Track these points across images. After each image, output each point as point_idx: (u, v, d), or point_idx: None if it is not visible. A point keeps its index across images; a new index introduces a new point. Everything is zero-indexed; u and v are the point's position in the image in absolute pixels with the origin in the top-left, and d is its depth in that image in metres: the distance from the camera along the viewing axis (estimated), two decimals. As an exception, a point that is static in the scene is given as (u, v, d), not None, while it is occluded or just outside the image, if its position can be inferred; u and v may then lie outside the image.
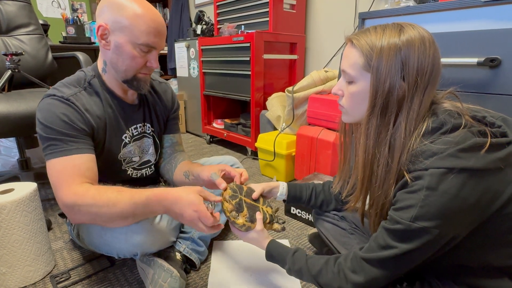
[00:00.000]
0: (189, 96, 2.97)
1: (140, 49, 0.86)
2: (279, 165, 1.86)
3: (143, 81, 0.93)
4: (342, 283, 0.64)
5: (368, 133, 0.63)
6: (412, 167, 0.57)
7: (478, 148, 0.53)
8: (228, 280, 1.03)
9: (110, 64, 0.91)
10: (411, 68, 0.57)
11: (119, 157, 1.00)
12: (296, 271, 0.74)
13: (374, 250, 0.61)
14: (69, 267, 1.10)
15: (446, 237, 0.55)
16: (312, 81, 1.80)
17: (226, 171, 0.96)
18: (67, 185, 0.80)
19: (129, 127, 1.01)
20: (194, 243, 1.08)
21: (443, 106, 0.60)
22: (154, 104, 1.09)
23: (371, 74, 0.60)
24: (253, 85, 2.09)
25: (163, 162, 1.16)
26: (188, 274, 1.06)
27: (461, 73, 1.00)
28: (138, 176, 1.08)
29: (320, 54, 2.30)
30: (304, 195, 0.97)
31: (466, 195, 0.52)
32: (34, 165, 1.91)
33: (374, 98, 0.61)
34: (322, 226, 0.99)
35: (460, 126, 0.56)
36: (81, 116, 0.87)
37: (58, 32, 3.47)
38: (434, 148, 0.54)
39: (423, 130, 0.58)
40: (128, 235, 0.86)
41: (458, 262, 0.62)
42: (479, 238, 0.57)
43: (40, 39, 1.69)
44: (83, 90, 0.91)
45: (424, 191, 0.53)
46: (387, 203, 0.63)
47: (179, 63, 2.98)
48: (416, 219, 0.54)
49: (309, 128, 1.71)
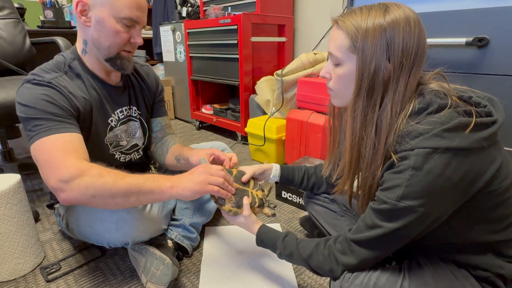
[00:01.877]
0: (176, 81, 2.91)
1: (123, 23, 0.84)
2: (270, 149, 1.86)
3: (126, 60, 0.91)
4: (333, 265, 0.66)
5: (355, 115, 0.64)
6: (399, 148, 0.58)
7: (462, 127, 0.54)
8: (221, 265, 1.05)
9: (91, 42, 0.88)
10: (396, 49, 0.57)
11: (106, 140, 0.98)
12: (287, 255, 0.75)
13: (362, 231, 0.62)
14: (59, 258, 1.09)
15: (432, 216, 0.56)
16: (301, 64, 1.79)
17: (215, 155, 0.95)
18: (63, 159, 0.74)
19: (115, 110, 0.99)
20: (186, 230, 1.08)
21: (429, 87, 0.60)
22: (139, 87, 1.07)
23: (357, 56, 0.60)
24: (241, 69, 2.06)
25: (155, 147, 1.15)
26: (180, 261, 1.07)
27: (449, 54, 1.00)
28: (126, 160, 1.07)
29: (309, 36, 2.27)
30: (297, 177, 0.98)
31: (450, 174, 0.53)
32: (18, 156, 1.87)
33: (360, 80, 0.61)
34: (313, 209, 1.00)
35: (446, 106, 0.56)
36: (66, 98, 0.84)
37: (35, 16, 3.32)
38: (420, 129, 0.55)
39: (409, 111, 0.58)
40: (118, 224, 0.85)
41: (444, 240, 0.63)
42: (464, 216, 0.59)
43: (16, 23, 1.61)
44: (63, 74, 0.88)
45: (410, 171, 0.54)
46: (374, 184, 0.64)
47: (165, 47, 2.91)
48: (402, 198, 0.55)
49: (298, 112, 1.71)
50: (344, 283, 0.65)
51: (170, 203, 1.09)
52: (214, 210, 1.17)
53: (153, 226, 0.93)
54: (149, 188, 0.77)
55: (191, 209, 1.10)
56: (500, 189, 0.56)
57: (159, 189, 0.78)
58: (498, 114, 0.57)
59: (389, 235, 0.59)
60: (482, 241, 0.60)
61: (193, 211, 1.10)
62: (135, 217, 0.86)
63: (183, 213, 1.09)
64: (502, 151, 0.59)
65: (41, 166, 0.77)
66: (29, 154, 0.82)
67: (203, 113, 2.65)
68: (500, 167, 0.56)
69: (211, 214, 1.16)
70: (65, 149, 0.77)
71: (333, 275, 0.66)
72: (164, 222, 1.00)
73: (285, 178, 0.97)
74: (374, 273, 0.63)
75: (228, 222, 1.29)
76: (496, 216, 0.59)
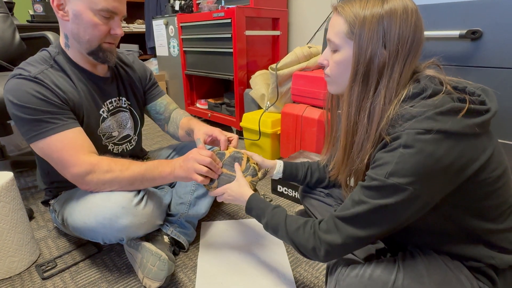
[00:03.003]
0: (170, 76, 2.89)
1: (100, 15, 0.83)
2: (265, 144, 1.86)
3: (109, 52, 0.90)
4: (317, 244, 0.65)
5: (350, 101, 0.65)
6: (392, 131, 0.58)
7: (456, 112, 0.55)
8: (218, 259, 1.05)
9: (71, 37, 0.87)
10: (392, 36, 0.59)
11: (98, 132, 0.98)
12: (273, 226, 0.75)
13: (348, 208, 0.62)
14: (54, 255, 1.09)
15: (419, 199, 0.56)
16: (296, 58, 1.78)
17: (213, 136, 0.96)
18: (73, 158, 0.84)
19: (104, 101, 0.99)
20: (182, 225, 1.08)
21: (425, 73, 0.62)
22: (127, 76, 1.08)
23: (354, 42, 0.62)
24: (235, 63, 2.05)
25: (168, 127, 1.20)
26: (177, 256, 1.07)
27: (443, 46, 1.00)
28: (119, 151, 1.07)
29: (303, 30, 2.26)
30: (300, 173, 0.98)
31: (440, 155, 0.53)
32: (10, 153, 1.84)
33: (356, 66, 0.62)
34: (309, 203, 1.01)
35: (440, 91, 0.57)
36: (54, 93, 0.85)
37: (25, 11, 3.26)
38: (413, 111, 0.56)
39: (403, 96, 0.59)
40: (113, 220, 0.85)
41: (436, 229, 0.64)
42: (454, 203, 0.59)
43: (5, 18, 1.58)
44: (49, 67, 0.88)
45: (401, 149, 0.54)
46: (362, 167, 0.65)
47: (158, 41, 2.88)
48: (391, 175, 0.55)
49: (293, 106, 1.71)
50: (340, 276, 0.66)
51: (165, 198, 1.09)
52: (210, 205, 1.17)
53: (147, 221, 0.93)
54: (151, 176, 0.88)
55: (186, 204, 1.10)
56: (490, 178, 0.57)
57: (160, 176, 0.89)
58: (491, 104, 0.58)
59: (374, 212, 0.58)
60: (474, 231, 0.61)
61: (189, 206, 1.10)
62: (129, 213, 0.86)
63: (179, 209, 1.09)
64: (494, 141, 0.59)
65: (55, 164, 0.87)
66: (22, 152, 0.83)
67: (197, 108, 2.63)
68: (491, 156, 0.57)
69: (207, 210, 1.16)
70: (73, 146, 0.84)
71: (316, 254, 0.65)
72: (159, 217, 1.00)
73: (288, 173, 0.98)
74: (369, 265, 0.64)
75: (223, 217, 1.29)
76: (487, 206, 0.59)
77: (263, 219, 0.78)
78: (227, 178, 0.88)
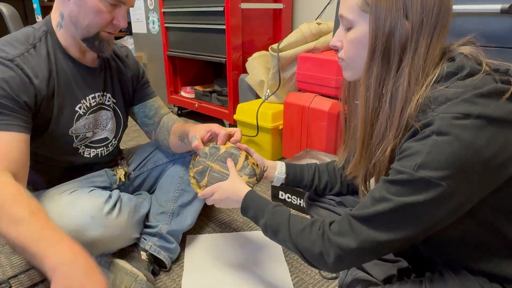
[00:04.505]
0: (149, 58, 2.88)
1: (107, 1, 0.86)
2: (264, 141, 1.86)
3: (106, 42, 0.93)
4: (326, 247, 0.64)
5: (368, 84, 0.64)
6: (423, 117, 0.58)
7: (498, 94, 0.54)
8: (205, 280, 1.05)
9: (69, 18, 0.90)
10: (415, 4, 0.58)
11: (71, 132, 0.98)
12: (273, 227, 0.75)
13: (367, 206, 0.61)
14: (8, 275, 1.08)
15: (453, 198, 0.55)
16: (302, 37, 1.77)
17: (212, 131, 0.96)
18: None
19: (86, 95, 1.00)
20: (163, 239, 1.08)
21: (460, 50, 0.61)
22: (117, 70, 1.09)
23: (370, 15, 0.61)
24: (229, 42, 2.05)
25: (155, 134, 1.19)
26: (157, 276, 1.07)
27: (481, 23, 1.00)
28: (91, 156, 1.06)
29: (311, 2, 2.26)
30: (306, 177, 0.97)
31: (480, 146, 0.53)
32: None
33: (374, 41, 0.62)
34: (316, 213, 1.00)
35: (479, 71, 0.57)
36: (25, 85, 0.85)
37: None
38: (449, 93, 0.56)
39: (435, 76, 0.59)
40: (79, 232, 0.85)
41: (472, 242, 0.64)
42: (496, 209, 0.59)
43: None
44: (32, 48, 0.89)
45: (434, 136, 0.54)
46: (384, 160, 0.64)
47: (134, 16, 2.87)
48: (420, 167, 0.54)
49: (299, 95, 1.70)
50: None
51: (143, 206, 1.09)
52: (197, 215, 1.17)
53: (121, 234, 0.93)
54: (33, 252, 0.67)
55: (168, 214, 1.10)
56: None
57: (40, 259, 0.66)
58: None
59: (399, 212, 0.57)
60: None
61: (171, 216, 1.10)
62: (99, 223, 0.86)
63: (159, 219, 1.09)
64: None
65: None
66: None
67: (182, 96, 2.63)
68: None
69: (193, 220, 1.16)
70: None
71: (323, 260, 0.65)
72: (135, 229, 0.99)
73: (292, 177, 0.97)
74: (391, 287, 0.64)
75: (213, 230, 1.29)
76: None
77: (261, 219, 0.77)
78: (219, 176, 0.87)
